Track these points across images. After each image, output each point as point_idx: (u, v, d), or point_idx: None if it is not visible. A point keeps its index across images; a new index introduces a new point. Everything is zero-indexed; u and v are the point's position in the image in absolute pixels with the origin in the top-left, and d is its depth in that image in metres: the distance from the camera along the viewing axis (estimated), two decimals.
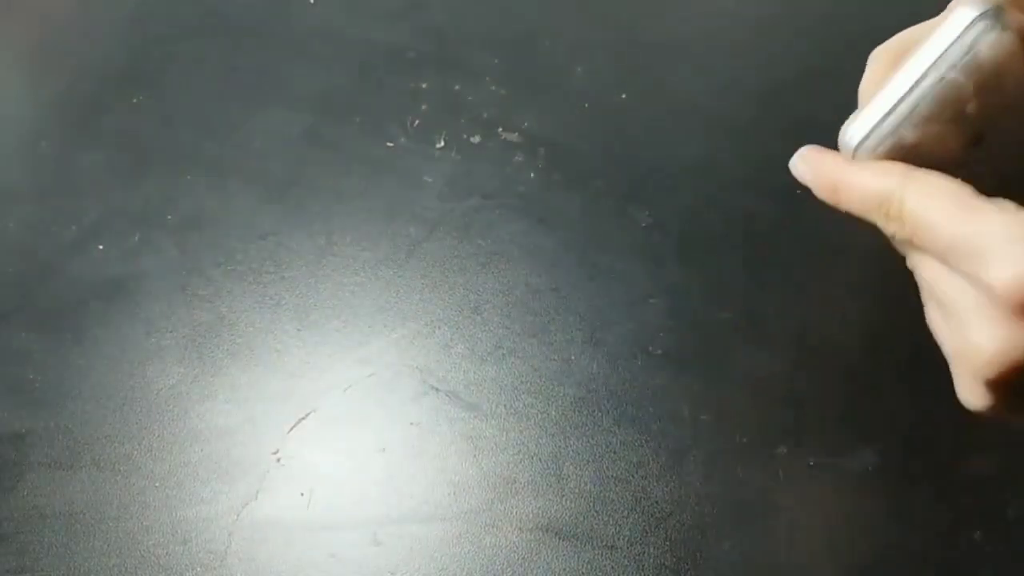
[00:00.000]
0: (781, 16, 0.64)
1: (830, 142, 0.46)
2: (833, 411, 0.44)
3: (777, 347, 0.46)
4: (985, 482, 0.42)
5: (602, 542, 0.42)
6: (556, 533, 0.42)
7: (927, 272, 0.26)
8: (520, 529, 0.42)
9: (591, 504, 0.43)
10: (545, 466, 0.44)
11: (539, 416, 0.45)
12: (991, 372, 0.24)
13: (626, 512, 0.42)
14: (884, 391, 0.45)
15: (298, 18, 0.66)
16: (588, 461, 0.44)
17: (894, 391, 0.45)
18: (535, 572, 0.41)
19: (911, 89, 0.26)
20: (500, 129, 0.57)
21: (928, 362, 0.46)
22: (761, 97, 0.59)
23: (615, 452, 0.44)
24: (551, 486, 0.43)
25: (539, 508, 0.43)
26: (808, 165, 0.31)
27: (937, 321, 0.27)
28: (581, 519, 0.42)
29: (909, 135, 0.27)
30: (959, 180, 0.25)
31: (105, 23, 0.67)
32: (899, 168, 0.26)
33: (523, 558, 0.41)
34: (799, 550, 0.40)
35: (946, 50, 0.26)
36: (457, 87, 0.60)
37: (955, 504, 0.41)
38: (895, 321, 0.48)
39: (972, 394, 0.27)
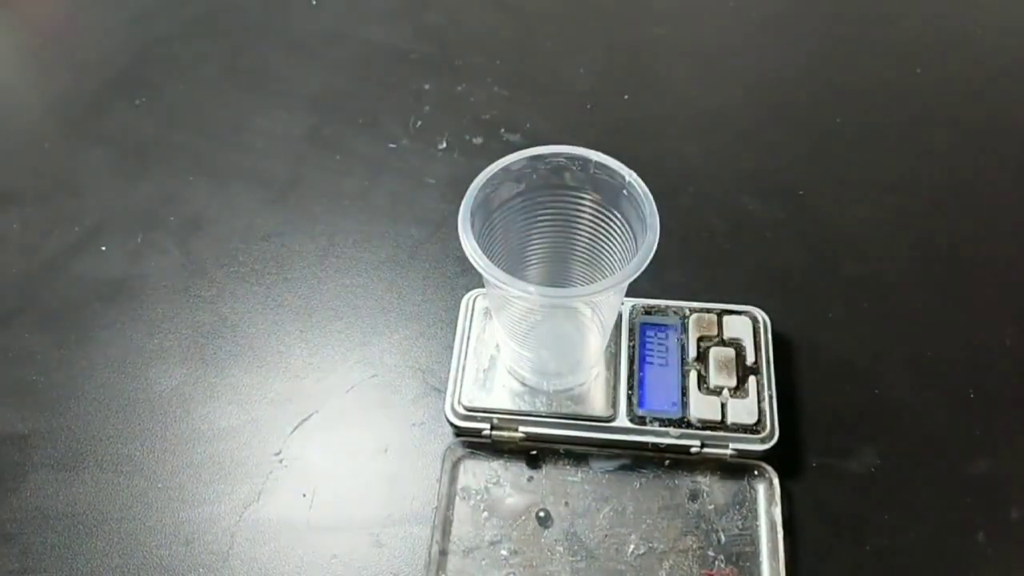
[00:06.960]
0: (783, 16, 0.64)
1: (830, 142, 0.47)
2: (833, 411, 0.44)
3: (777, 347, 0.46)
4: (988, 483, 0.42)
5: None
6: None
7: None
8: None
9: None
10: None
11: None
12: None
13: None
14: (884, 391, 0.45)
15: (299, 18, 0.66)
16: None
17: (895, 391, 0.45)
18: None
19: None
20: (502, 130, 0.57)
21: (929, 361, 0.46)
22: (762, 97, 0.59)
23: None
24: None
25: None
26: None
27: None
28: None
29: None
30: None
31: (106, 23, 0.67)
32: None
33: None
34: (798, 551, 0.40)
35: None
36: (459, 88, 0.60)
37: (957, 505, 0.41)
38: (895, 320, 0.48)
39: None
